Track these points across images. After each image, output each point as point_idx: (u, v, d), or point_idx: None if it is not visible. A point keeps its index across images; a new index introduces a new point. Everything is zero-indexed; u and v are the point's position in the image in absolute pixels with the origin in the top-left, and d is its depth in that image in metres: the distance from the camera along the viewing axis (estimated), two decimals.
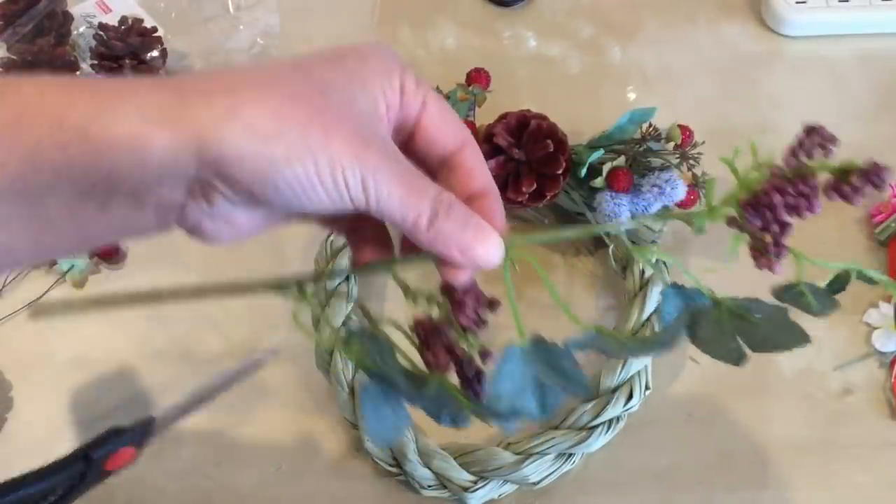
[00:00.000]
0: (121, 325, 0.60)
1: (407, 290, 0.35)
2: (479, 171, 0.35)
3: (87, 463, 0.41)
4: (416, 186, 0.31)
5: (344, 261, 0.58)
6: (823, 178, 0.34)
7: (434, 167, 0.36)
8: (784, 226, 0.33)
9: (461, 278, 0.33)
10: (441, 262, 0.33)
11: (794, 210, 0.33)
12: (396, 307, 0.60)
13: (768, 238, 0.34)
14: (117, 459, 0.43)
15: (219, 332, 0.59)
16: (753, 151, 0.35)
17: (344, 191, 0.30)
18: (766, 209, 0.33)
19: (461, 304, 0.33)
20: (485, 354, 0.34)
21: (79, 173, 0.28)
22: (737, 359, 0.36)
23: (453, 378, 0.35)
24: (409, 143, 0.35)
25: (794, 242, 0.63)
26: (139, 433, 0.44)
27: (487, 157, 0.56)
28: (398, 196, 0.31)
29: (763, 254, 0.34)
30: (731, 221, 0.34)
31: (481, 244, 0.32)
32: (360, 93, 0.32)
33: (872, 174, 0.32)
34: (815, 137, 0.34)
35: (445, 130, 0.34)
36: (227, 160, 0.29)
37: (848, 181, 0.33)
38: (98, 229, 0.30)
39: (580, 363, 0.32)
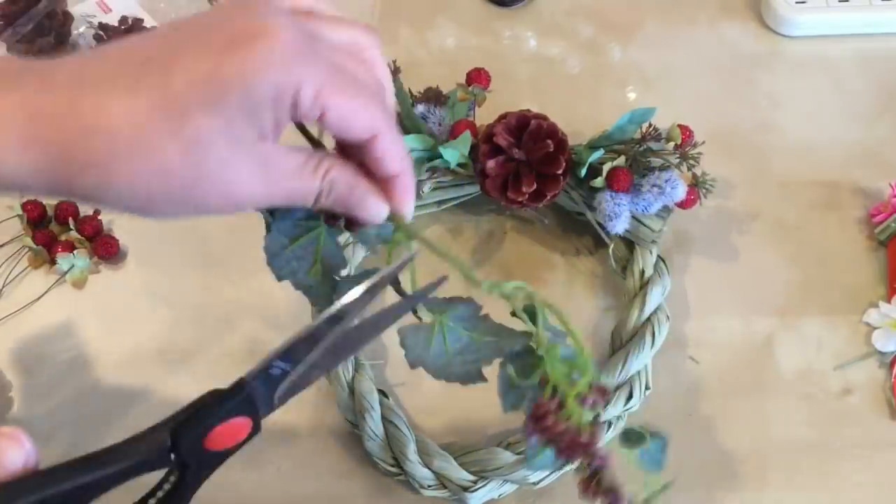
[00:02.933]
0: (120, 326, 0.60)
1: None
2: (388, 159, 0.36)
3: (175, 441, 0.34)
4: (299, 179, 0.35)
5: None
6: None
7: (350, 147, 0.37)
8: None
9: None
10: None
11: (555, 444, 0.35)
12: None
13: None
14: (223, 436, 0.35)
15: (219, 332, 0.59)
16: None
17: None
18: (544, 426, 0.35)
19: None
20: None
21: None
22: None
23: None
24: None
25: (796, 242, 0.63)
26: (240, 402, 0.35)
27: (487, 157, 0.56)
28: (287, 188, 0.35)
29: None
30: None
31: (364, 210, 0.37)
32: (242, 122, 0.31)
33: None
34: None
35: (350, 127, 0.34)
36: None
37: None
38: None
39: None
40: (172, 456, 0.34)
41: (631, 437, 0.39)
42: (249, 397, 0.36)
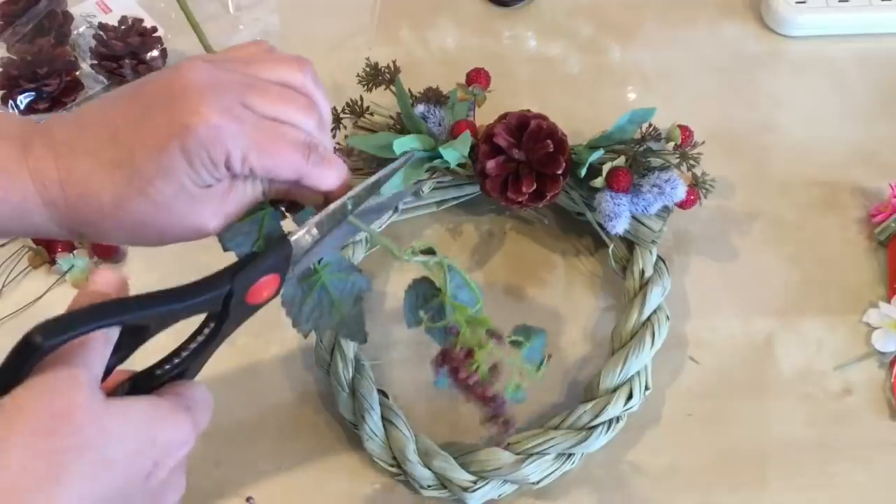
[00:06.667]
0: None
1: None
2: (314, 185, 0.42)
3: (232, 288, 0.39)
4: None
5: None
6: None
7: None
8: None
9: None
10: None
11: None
12: (396, 307, 0.60)
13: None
14: (261, 290, 0.40)
15: None
16: None
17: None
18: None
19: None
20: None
21: None
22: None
23: None
24: None
25: (796, 242, 0.63)
26: (280, 258, 0.41)
27: (487, 157, 0.56)
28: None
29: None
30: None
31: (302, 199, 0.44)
32: (189, 183, 0.39)
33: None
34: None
35: (276, 177, 0.41)
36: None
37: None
38: None
39: (580, 363, 0.33)
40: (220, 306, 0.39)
41: (522, 333, 0.43)
42: (288, 257, 0.41)
